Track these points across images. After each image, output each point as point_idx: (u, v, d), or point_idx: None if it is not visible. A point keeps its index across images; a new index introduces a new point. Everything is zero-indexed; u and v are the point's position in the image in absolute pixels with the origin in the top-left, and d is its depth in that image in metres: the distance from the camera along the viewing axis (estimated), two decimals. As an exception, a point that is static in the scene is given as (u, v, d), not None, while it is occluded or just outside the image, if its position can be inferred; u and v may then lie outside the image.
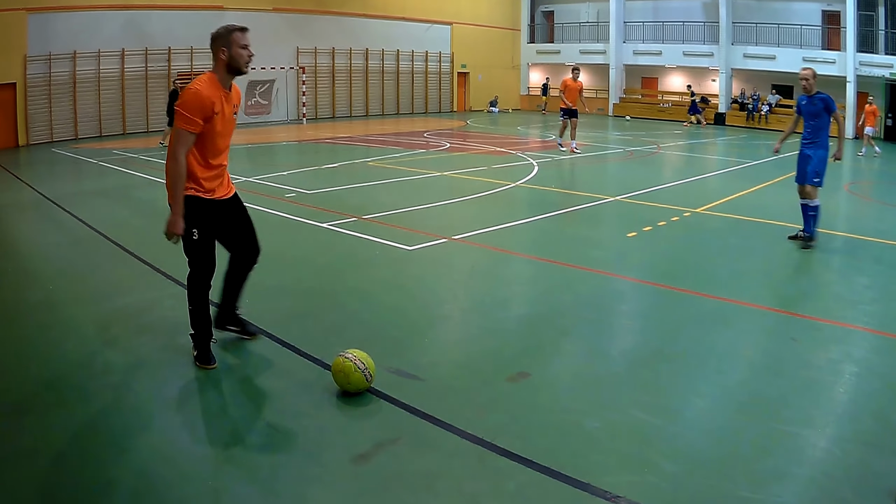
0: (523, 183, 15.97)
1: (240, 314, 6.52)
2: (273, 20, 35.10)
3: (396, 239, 10.46)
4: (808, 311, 7.80)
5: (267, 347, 6.40)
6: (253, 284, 6.48)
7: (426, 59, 43.28)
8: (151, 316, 7.23)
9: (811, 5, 39.98)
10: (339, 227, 11.29)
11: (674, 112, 44.22)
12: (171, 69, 31.46)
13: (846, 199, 16.36)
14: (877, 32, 37.72)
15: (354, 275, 8.99)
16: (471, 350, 6.48)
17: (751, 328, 7.25)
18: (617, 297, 8.44)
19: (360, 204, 13.19)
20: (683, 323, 7.27)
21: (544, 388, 5.62)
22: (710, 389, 5.71)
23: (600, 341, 6.85)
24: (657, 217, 12.57)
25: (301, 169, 18.70)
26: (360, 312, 7.45)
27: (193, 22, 31.43)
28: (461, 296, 8.36)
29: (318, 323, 7.13)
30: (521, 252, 10.31)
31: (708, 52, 42.64)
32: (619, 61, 46.08)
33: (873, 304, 8.05)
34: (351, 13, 38.73)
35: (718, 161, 23.82)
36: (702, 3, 43.63)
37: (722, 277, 9.10)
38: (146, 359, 6.15)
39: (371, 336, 6.62)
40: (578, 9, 49.57)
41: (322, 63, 37.91)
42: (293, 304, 7.74)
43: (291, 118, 36.53)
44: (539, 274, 9.40)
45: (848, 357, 6.38)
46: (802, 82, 10.84)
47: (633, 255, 10.29)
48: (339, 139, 27.32)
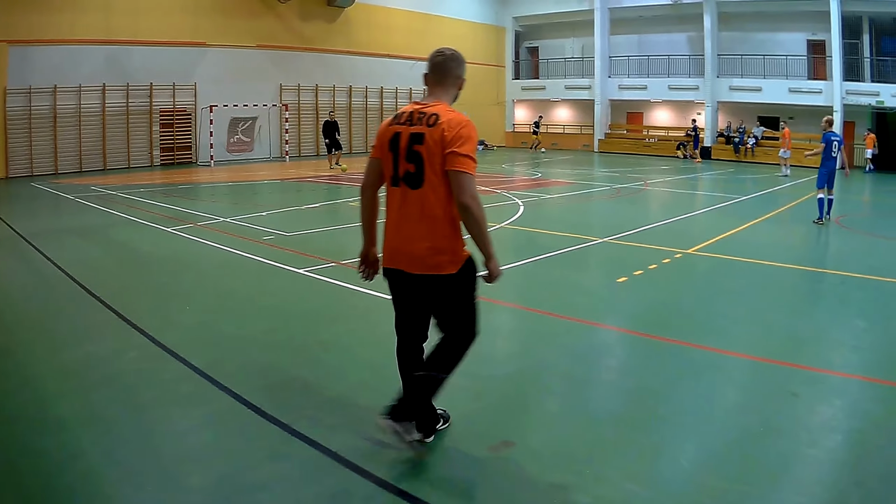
0: (509, 224, 15.61)
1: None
2: (256, 57, 35.08)
3: (376, 287, 9.82)
4: (808, 360, 7.40)
5: (232, 408, 5.95)
6: (221, 335, 6.15)
7: (410, 95, 43.16)
8: (111, 368, 6.81)
9: (796, 35, 40.30)
10: (317, 273, 10.83)
11: (660, 147, 44.20)
12: (152, 105, 31.35)
13: (836, 232, 16.16)
14: (862, 60, 37.94)
15: (331, 326, 8.50)
16: (451, 415, 5.86)
17: (749, 382, 6.90)
18: (606, 350, 8.00)
19: (340, 248, 12.76)
20: (677, 378, 6.84)
21: (530, 458, 5.16)
22: (706, 455, 5.31)
23: (588, 402, 6.39)
24: (648, 259, 12.18)
25: (281, 209, 18.33)
26: (336, 370, 6.96)
27: (175, 58, 31.57)
28: None
29: (290, 381, 6.61)
30: (507, 300, 9.70)
31: (693, 86, 42.79)
32: (605, 96, 46.23)
33: (874, 350, 7.82)
34: (335, 50, 38.75)
35: (707, 197, 23.65)
36: (686, 36, 43.87)
37: (717, 326, 8.73)
38: (101, 415, 5.73)
39: (347, 398, 6.18)
40: (563, 44, 49.83)
41: (305, 100, 37.86)
42: (263, 358, 7.23)
43: (274, 155, 36.36)
44: (524, 325, 8.88)
45: (852, 411, 6.08)
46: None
47: (623, 303, 9.84)
48: (322, 178, 27.03)
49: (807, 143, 38.48)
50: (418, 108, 4.88)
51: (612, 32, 46.27)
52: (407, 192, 4.83)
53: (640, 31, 46.26)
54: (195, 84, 32.91)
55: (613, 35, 46.45)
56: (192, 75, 32.78)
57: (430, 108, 4.83)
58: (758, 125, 41.02)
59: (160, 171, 30.35)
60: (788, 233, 16.14)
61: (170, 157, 32.53)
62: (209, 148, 32.68)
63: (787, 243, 14.83)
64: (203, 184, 25.69)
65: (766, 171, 33.91)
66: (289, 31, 36.77)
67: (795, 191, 24.66)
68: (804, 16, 39.21)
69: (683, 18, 43.20)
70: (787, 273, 11.69)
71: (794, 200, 21.55)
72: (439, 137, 4.66)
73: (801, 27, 40.00)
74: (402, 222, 4.90)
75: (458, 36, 46.15)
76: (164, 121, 32.18)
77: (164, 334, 7.73)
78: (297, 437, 5.35)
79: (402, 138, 4.81)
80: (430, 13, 44.55)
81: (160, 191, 22.32)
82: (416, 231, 4.82)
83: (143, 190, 22.09)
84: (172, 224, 15.17)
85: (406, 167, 4.79)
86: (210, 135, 32.61)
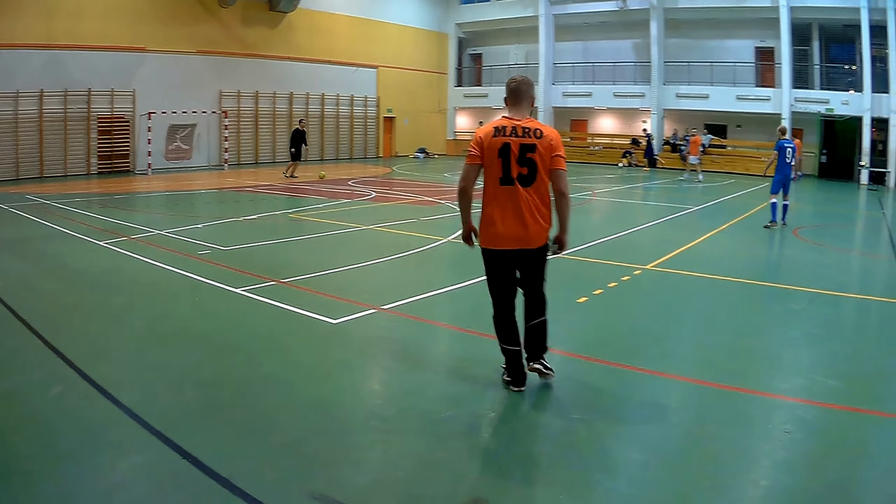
0: (454, 238, 15.19)
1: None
2: (196, 63, 34.54)
3: (319, 309, 9.36)
4: (791, 391, 7.01)
5: (165, 457, 5.29)
6: (152, 368, 5.70)
7: (352, 103, 42.87)
8: (33, 406, 6.24)
9: (744, 42, 40.75)
10: (255, 293, 10.24)
11: (605, 155, 44.33)
12: (90, 112, 30.62)
13: (794, 244, 16.35)
14: (811, 67, 38.30)
15: (271, 357, 7.72)
16: (414, 467, 5.29)
17: (733, 417, 6.34)
18: (578, 386, 7.06)
19: (280, 264, 12.40)
20: (652, 416, 6.32)
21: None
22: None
23: (570, 448, 5.68)
24: (607, 277, 11.81)
25: (218, 221, 17.86)
26: (277, 411, 6.26)
27: (114, 63, 31.04)
28: (396, 388, 7.12)
29: (228, 425, 5.95)
30: (463, 326, 9.02)
31: (639, 93, 43.04)
32: (549, 103, 46.24)
33: (853, 378, 7.44)
34: (276, 56, 38.35)
35: (658, 208, 23.67)
36: (633, 43, 44.08)
37: (691, 353, 8.28)
38: (19, 468, 5.11)
39: (290, 445, 5.53)
40: (507, 50, 49.85)
41: (245, 107, 37.39)
42: (198, 396, 6.59)
43: (213, 164, 35.76)
44: (486, 356, 7.63)
45: (842, 445, 5.80)
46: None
47: (587, 327, 9.24)
48: (261, 187, 26.57)
49: (754, 150, 38.88)
50: (519, 124, 6.51)
51: (557, 39, 46.43)
52: (518, 189, 6.50)
53: (586, 37, 46.43)
54: (134, 90, 32.19)
55: (559, 42, 46.61)
56: (132, 81, 32.08)
57: (531, 124, 6.53)
58: (705, 132, 41.26)
59: (97, 179, 29.66)
60: (747, 245, 16.09)
61: (108, 166, 31.75)
62: (147, 156, 31.98)
63: (748, 257, 14.82)
64: (140, 193, 25.07)
65: (715, 179, 34.11)
66: (230, 36, 36.24)
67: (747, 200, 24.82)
68: (753, 23, 39.58)
69: (630, 25, 43.41)
70: (751, 290, 11.58)
71: (749, 210, 21.67)
72: (547, 146, 6.48)
73: (749, 34, 40.43)
74: (512, 211, 6.55)
75: (400, 42, 46.06)
76: (103, 128, 31.44)
77: (92, 366, 7.14)
78: (238, 495, 4.78)
79: (512, 147, 6.42)
80: (373, 19, 44.35)
81: (96, 200, 21.73)
82: (528, 217, 6.56)
83: (79, 199, 21.44)
84: (106, 237, 14.62)
85: (519, 170, 6.45)
86: (148, 142, 31.95)
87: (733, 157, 40.93)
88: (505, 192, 6.51)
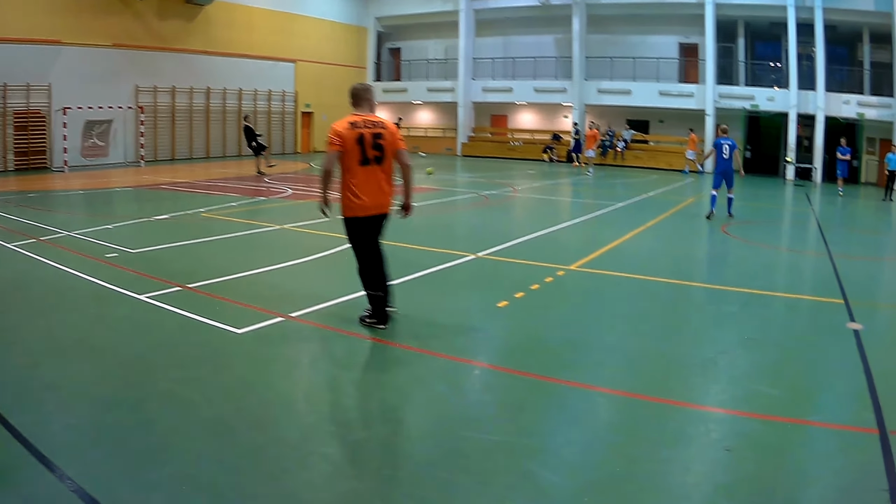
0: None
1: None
2: (112, 56, 33.98)
3: (224, 317, 9.03)
4: (730, 402, 6.85)
5: (55, 492, 4.76)
6: (47, 385, 5.46)
7: (269, 98, 42.52)
8: None
9: (668, 38, 41.21)
10: (159, 299, 9.83)
11: (525, 151, 44.60)
12: (6, 107, 29.91)
13: (723, 241, 16.71)
14: (736, 64, 38.99)
15: (171, 372, 7.22)
16: (317, 499, 4.95)
17: (669, 434, 6.08)
18: (500, 404, 6.76)
19: (188, 268, 12.12)
20: (581, 437, 6.05)
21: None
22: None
23: (490, 476, 5.27)
24: (528, 278, 11.56)
25: (130, 221, 17.53)
26: (176, 433, 5.80)
27: (30, 56, 30.40)
28: (303, 407, 6.70)
29: (124, 450, 5.46)
30: (374, 336, 8.55)
31: (560, 88, 43.34)
32: (468, 98, 46.37)
33: (794, 386, 7.36)
34: (193, 50, 37.88)
35: (582, 204, 23.97)
36: (554, 38, 44.36)
37: (621, 363, 7.99)
38: None
39: (188, 476, 5.09)
40: (426, 45, 49.86)
41: (162, 102, 36.86)
42: (93, 417, 6.09)
43: (129, 160, 35.11)
44: (395, 369, 7.63)
45: (786, 463, 5.62)
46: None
47: (509, 335, 8.97)
48: (177, 184, 26.26)
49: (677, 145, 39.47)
50: (368, 119, 8.52)
51: (477, 34, 46.61)
52: (374, 168, 8.46)
53: (507, 32, 46.66)
54: (50, 85, 31.52)
55: (479, 37, 46.77)
56: (48, 76, 31.43)
57: (375, 119, 8.60)
58: (627, 128, 41.75)
59: (14, 176, 28.95)
60: (675, 243, 16.41)
61: (24, 162, 31.08)
62: (63, 153, 31.34)
63: (676, 255, 14.97)
64: (54, 191, 24.53)
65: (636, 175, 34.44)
66: (146, 29, 35.63)
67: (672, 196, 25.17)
68: (677, 19, 40.11)
69: (551, 20, 43.67)
70: (682, 291, 11.62)
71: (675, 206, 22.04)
72: (390, 134, 8.57)
73: (673, 30, 40.93)
74: (373, 185, 8.49)
75: (319, 36, 45.80)
76: (19, 123, 30.76)
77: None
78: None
79: (366, 136, 8.35)
80: (291, 12, 44.08)
81: (9, 199, 21.17)
82: (385, 187, 8.60)
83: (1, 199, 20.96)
84: (14, 239, 14.27)
85: (374, 153, 8.40)
86: (64, 139, 31.27)
87: (656, 152, 41.53)
88: (364, 170, 8.41)
